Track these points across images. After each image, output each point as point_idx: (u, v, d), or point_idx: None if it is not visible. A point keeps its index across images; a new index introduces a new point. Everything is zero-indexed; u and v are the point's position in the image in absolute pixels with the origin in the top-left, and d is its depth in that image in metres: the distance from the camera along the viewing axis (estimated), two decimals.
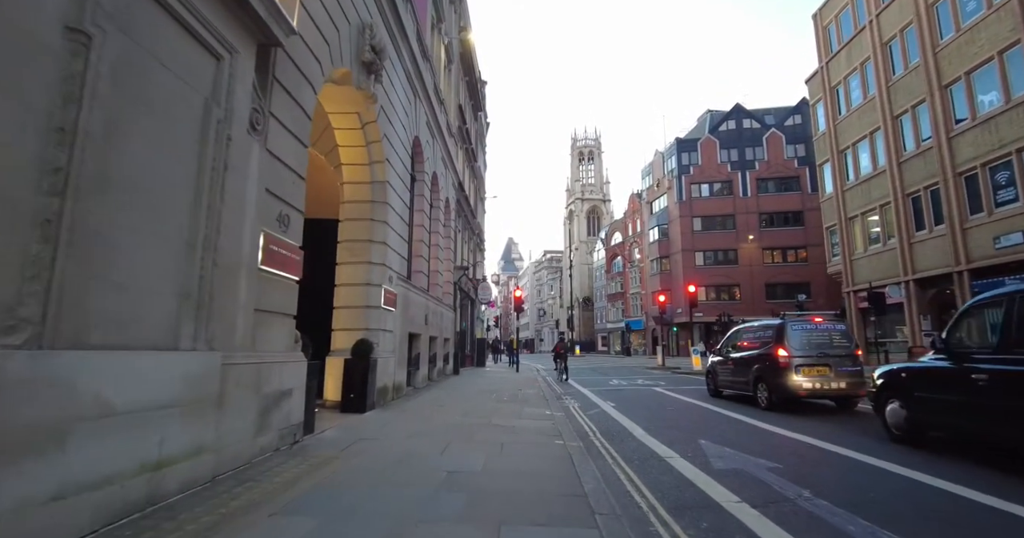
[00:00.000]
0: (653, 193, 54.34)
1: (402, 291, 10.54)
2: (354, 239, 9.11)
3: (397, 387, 10.06)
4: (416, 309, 11.95)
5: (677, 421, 8.64)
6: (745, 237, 47.49)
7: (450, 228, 17.50)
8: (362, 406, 8.16)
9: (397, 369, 10.06)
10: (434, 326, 14.20)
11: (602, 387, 15.12)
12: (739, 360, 10.74)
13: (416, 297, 11.99)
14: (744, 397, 11.02)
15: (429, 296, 13.79)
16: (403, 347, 10.65)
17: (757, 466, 5.37)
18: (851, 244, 25.90)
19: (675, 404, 10.97)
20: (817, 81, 28.60)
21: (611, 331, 63.48)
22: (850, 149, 25.79)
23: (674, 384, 15.86)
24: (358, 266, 9.02)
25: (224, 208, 4.25)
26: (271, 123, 5.12)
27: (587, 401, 11.52)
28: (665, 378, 18.43)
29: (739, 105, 52.22)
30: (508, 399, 10.63)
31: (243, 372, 4.53)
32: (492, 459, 5.10)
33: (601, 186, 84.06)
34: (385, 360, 9.23)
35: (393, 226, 9.87)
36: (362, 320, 8.86)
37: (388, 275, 9.56)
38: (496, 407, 9.26)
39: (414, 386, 12.10)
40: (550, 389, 13.80)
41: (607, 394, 12.97)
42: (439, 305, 15.40)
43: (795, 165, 48.51)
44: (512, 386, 13.97)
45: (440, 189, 15.32)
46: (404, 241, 10.93)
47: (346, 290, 8.97)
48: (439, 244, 15.16)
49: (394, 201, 9.94)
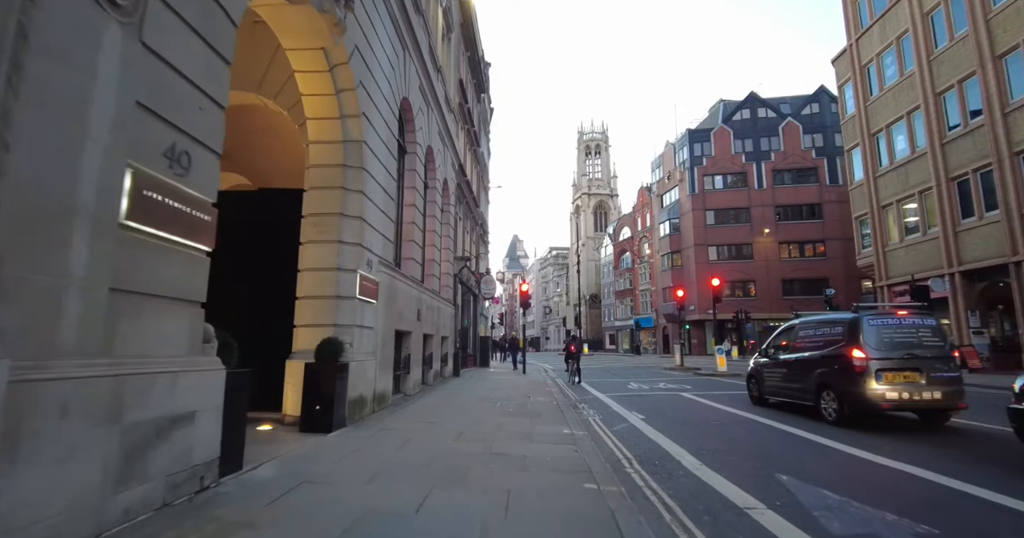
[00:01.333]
0: (664, 186, 52.36)
1: (387, 280, 8.72)
2: (321, 212, 7.30)
3: (379, 396, 8.25)
4: (406, 302, 10.14)
5: (731, 442, 6.78)
6: (760, 231, 45.51)
7: (449, 214, 15.69)
8: (327, 424, 6.35)
9: (379, 374, 8.25)
10: (429, 322, 12.39)
11: (621, 392, 13.28)
12: (795, 363, 8.86)
13: (406, 288, 10.18)
14: (798, 407, 9.15)
15: (423, 288, 11.98)
16: (388, 347, 8.84)
17: (898, 532, 3.51)
18: (885, 235, 23.91)
19: (715, 415, 9.11)
20: (845, 60, 26.59)
21: (620, 329, 61.59)
22: (884, 132, 23.78)
23: (702, 388, 13.99)
24: (326, 246, 7.21)
25: (22, 110, 2.44)
26: (153, 5, 3.30)
27: (609, 412, 9.68)
28: (689, 381, 16.55)
29: (754, 93, 50.14)
30: (515, 411, 8.79)
31: (76, 392, 2.71)
32: (493, 527, 3.26)
33: (608, 181, 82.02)
34: (361, 364, 7.42)
35: (374, 199, 8.05)
36: (330, 314, 7.05)
37: (367, 259, 7.75)
38: (500, 423, 7.42)
39: (404, 393, 10.30)
40: (563, 395, 11.96)
41: (630, 402, 11.12)
42: (436, 299, 13.59)
43: (813, 156, 46.48)
44: (519, 392, 12.13)
45: (437, 168, 13.49)
46: (390, 221, 9.11)
47: (311, 276, 7.17)
48: (436, 230, 13.34)
49: (375, 169, 8.12)
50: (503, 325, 53.23)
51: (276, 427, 6.64)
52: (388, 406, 8.67)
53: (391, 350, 8.91)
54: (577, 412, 9.28)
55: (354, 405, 7.13)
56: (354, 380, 7.09)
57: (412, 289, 10.52)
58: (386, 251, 8.81)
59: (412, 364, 10.46)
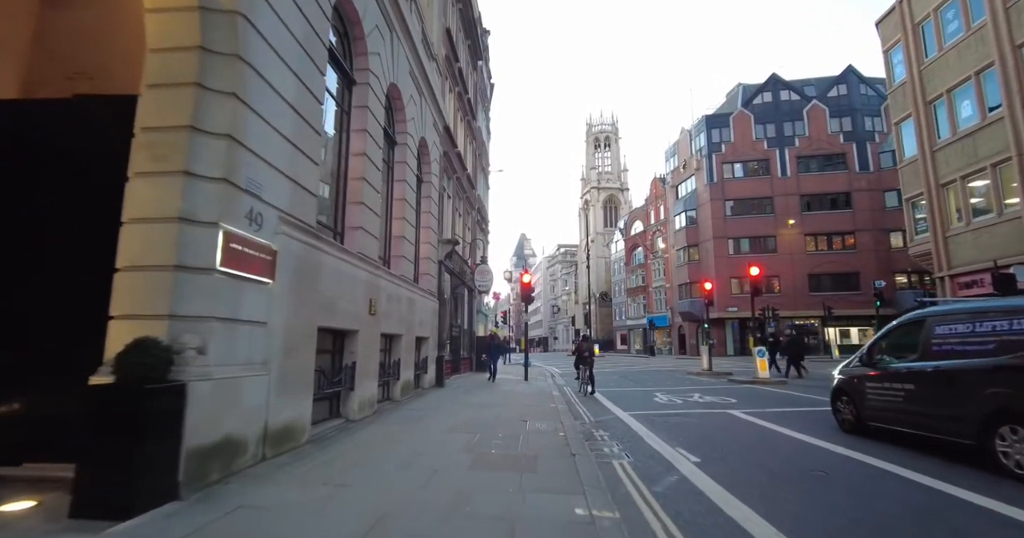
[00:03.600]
0: (679, 175, 49.05)
1: (298, 250, 5.67)
2: (161, 126, 4.28)
3: (278, 434, 5.18)
4: (344, 287, 7.09)
5: (889, 529, 3.66)
6: (784, 222, 42.12)
7: (431, 185, 12.63)
8: (125, 500, 3.33)
9: (278, 398, 5.18)
10: (393, 318, 9.33)
11: (649, 408, 10.16)
12: (935, 376, 5.69)
13: (346, 267, 7.13)
14: (929, 441, 5.98)
15: (385, 272, 8.95)
16: (302, 354, 5.76)
17: None
18: (945, 217, 20.56)
19: (810, 457, 5.98)
20: (893, 21, 23.27)
21: (631, 328, 58.27)
22: (944, 98, 20.43)
23: (753, 403, 10.83)
24: (164, 181, 4.19)
25: None
26: None
27: (643, 448, 6.57)
28: (729, 391, 13.37)
29: (775, 75, 46.74)
30: (499, 453, 5.69)
31: None
32: None
33: (619, 174, 78.65)
34: (230, 383, 4.38)
35: (267, 115, 5.01)
36: (163, 297, 4.01)
37: (247, 209, 4.71)
38: (464, 490, 4.32)
39: (346, 417, 7.24)
40: (572, 416, 8.86)
41: (668, 427, 8.01)
42: (407, 288, 10.53)
43: (841, 141, 43.02)
44: (514, 412, 9.05)
45: (409, 120, 10.44)
46: (312, 163, 6.06)
47: (138, 233, 4.14)
48: (406, 199, 10.28)
49: (271, 68, 5.08)
50: (506, 324, 50.10)
51: (37, 507, 3.60)
52: (299, 446, 5.60)
53: (308, 358, 5.84)
54: (594, 451, 6.18)
55: (210, 457, 4.10)
56: (210, 412, 4.06)
57: (358, 270, 7.45)
58: (302, 204, 5.76)
59: (359, 377, 7.39)
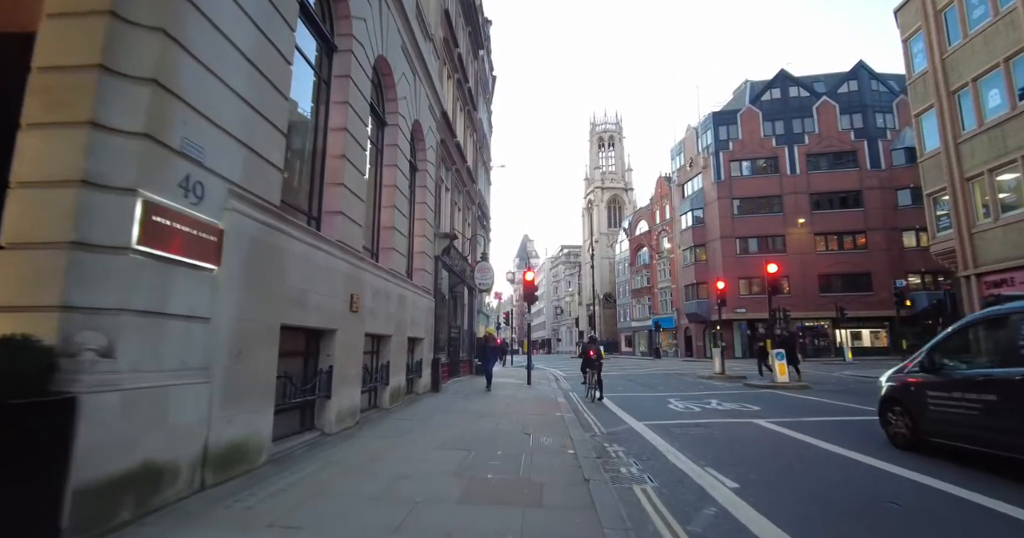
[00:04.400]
0: (685, 174, 48.06)
1: (254, 230, 4.72)
2: (63, 65, 3.35)
3: (223, 457, 4.22)
4: (323, 280, 6.15)
5: None
6: (794, 221, 41.08)
7: (426, 174, 11.68)
8: None
9: (224, 411, 4.23)
10: (382, 317, 8.38)
11: (665, 417, 9.18)
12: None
13: (326, 258, 6.19)
14: (1011, 462, 4.99)
15: (371, 264, 8.00)
16: (259, 357, 4.79)
17: None
18: (971, 213, 19.51)
19: (865, 479, 5.00)
20: (913, 8, 22.26)
21: (636, 330, 57.21)
22: (969, 87, 19.40)
23: (778, 411, 9.83)
24: (66, 134, 3.25)
25: None
26: None
27: (668, 469, 5.60)
28: (748, 397, 12.36)
29: (784, 71, 45.71)
30: (496, 476, 4.72)
31: None
32: None
33: (623, 174, 77.62)
34: (155, 396, 3.44)
35: (209, 63, 4.08)
36: (56, 283, 3.06)
37: (183, 176, 3.77)
38: (451, 532, 3.37)
39: (322, 430, 6.28)
40: (581, 427, 7.89)
41: (691, 441, 7.04)
42: (400, 284, 9.59)
43: (851, 138, 42.00)
44: (515, 422, 8.09)
45: (400, 98, 9.50)
46: (275, 131, 5.13)
47: (30, 200, 3.20)
48: (397, 185, 9.33)
49: (218, 7, 4.15)
50: (509, 325, 49.14)
51: None
52: (255, 468, 4.64)
53: (267, 361, 4.87)
54: (610, 472, 5.22)
55: (120, 490, 3.15)
56: (120, 433, 3.12)
57: (337, 261, 6.50)
58: (262, 181, 4.82)
59: (338, 383, 6.44)
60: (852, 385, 15.69)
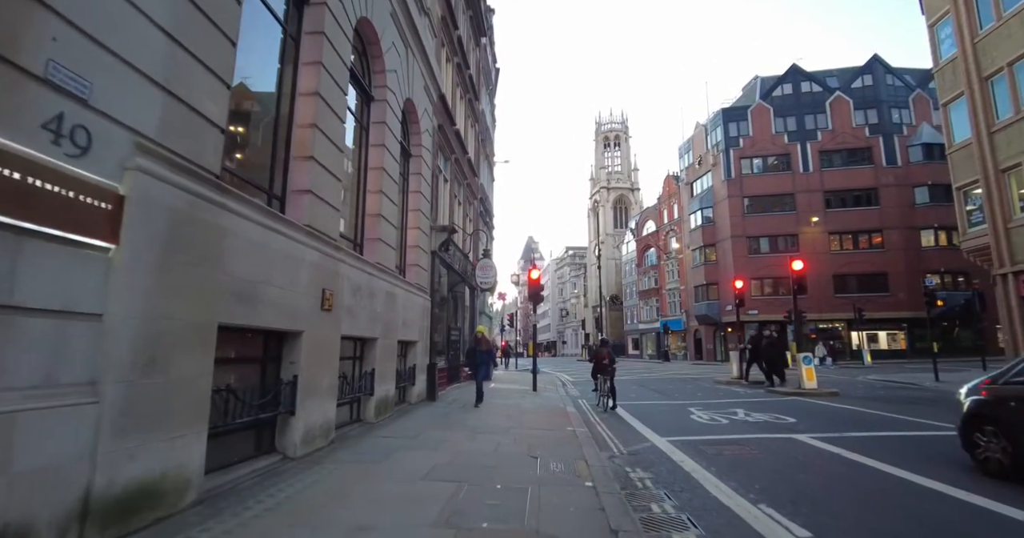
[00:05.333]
0: (694, 172, 46.83)
1: (187, 203, 3.62)
2: None
3: (122, 504, 3.06)
4: (283, 271, 5.04)
5: None
6: (807, 220, 39.73)
7: (421, 160, 10.59)
8: None
9: (128, 442, 3.10)
10: (364, 317, 7.26)
11: (691, 432, 8.02)
12: None
13: (287, 244, 5.08)
14: None
15: (350, 255, 6.89)
16: (189, 368, 3.68)
17: None
18: (1006, 206, 18.26)
19: (979, 525, 3.85)
20: None
21: (644, 332, 55.93)
22: (1004, 72, 18.15)
23: (821, 424, 8.65)
24: None
25: None
26: None
27: (709, 506, 4.47)
28: (777, 406, 11.17)
29: (796, 66, 44.48)
30: (491, 531, 3.57)
31: None
32: None
33: (629, 173, 76.38)
34: None
35: None
36: None
37: (50, 111, 2.68)
38: None
39: (285, 454, 5.17)
40: (595, 444, 6.76)
41: (726, 464, 5.89)
42: (388, 280, 8.49)
43: (866, 134, 40.66)
44: (517, 441, 6.97)
45: (389, 70, 8.41)
46: (213, 78, 4.04)
47: None
48: (385, 167, 8.23)
49: None
50: (512, 328, 47.96)
51: None
52: (176, 513, 3.52)
53: (196, 372, 3.74)
54: (640, 511, 4.09)
55: None
56: None
57: (303, 248, 5.39)
58: (189, 138, 3.73)
59: (305, 396, 5.32)
60: (882, 392, 14.48)
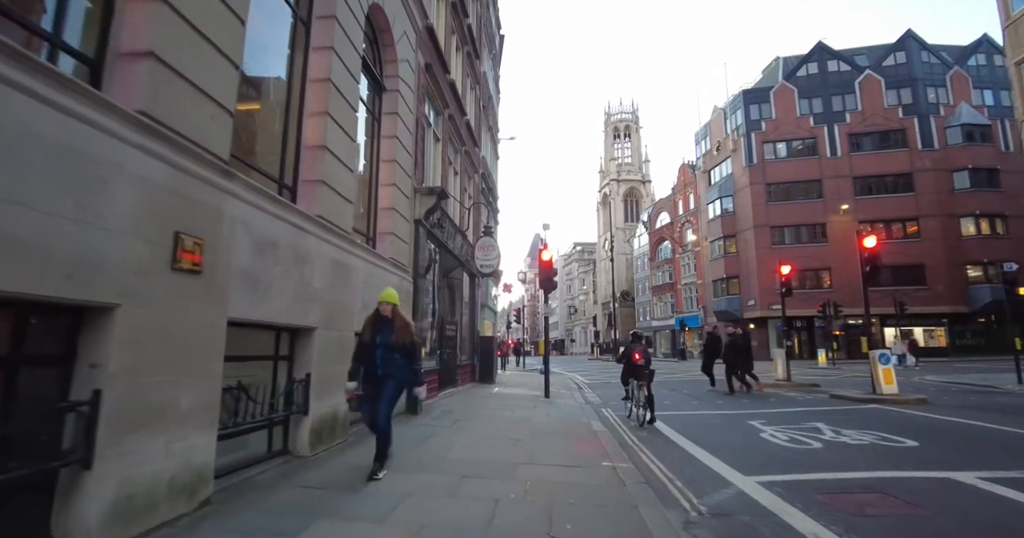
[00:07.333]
0: (712, 159, 44.07)
1: None
2: None
3: None
4: (64, 183, 2.56)
5: None
6: (836, 208, 36.85)
7: (399, 96, 8.06)
8: None
9: None
10: (286, 293, 4.74)
11: (784, 466, 5.46)
12: None
13: (67, 133, 2.59)
14: None
15: (252, 191, 4.39)
16: None
17: None
18: None
19: None
20: None
21: (658, 330, 53.19)
22: None
23: (957, 448, 6.06)
24: None
25: None
26: None
27: None
28: (864, 419, 8.58)
29: (822, 44, 41.62)
30: None
31: None
32: None
33: (640, 165, 73.58)
34: None
35: None
36: None
37: None
38: None
39: None
40: (656, 497, 4.23)
41: (880, 532, 3.33)
42: (338, 245, 6.00)
43: (899, 115, 37.81)
44: (527, 503, 4.46)
45: None
46: None
47: None
48: (335, 82, 5.72)
49: None
50: (519, 323, 45.38)
51: None
52: None
53: None
54: None
55: None
56: None
57: (126, 151, 2.91)
58: None
59: (121, 428, 2.78)
60: (972, 398, 11.75)
